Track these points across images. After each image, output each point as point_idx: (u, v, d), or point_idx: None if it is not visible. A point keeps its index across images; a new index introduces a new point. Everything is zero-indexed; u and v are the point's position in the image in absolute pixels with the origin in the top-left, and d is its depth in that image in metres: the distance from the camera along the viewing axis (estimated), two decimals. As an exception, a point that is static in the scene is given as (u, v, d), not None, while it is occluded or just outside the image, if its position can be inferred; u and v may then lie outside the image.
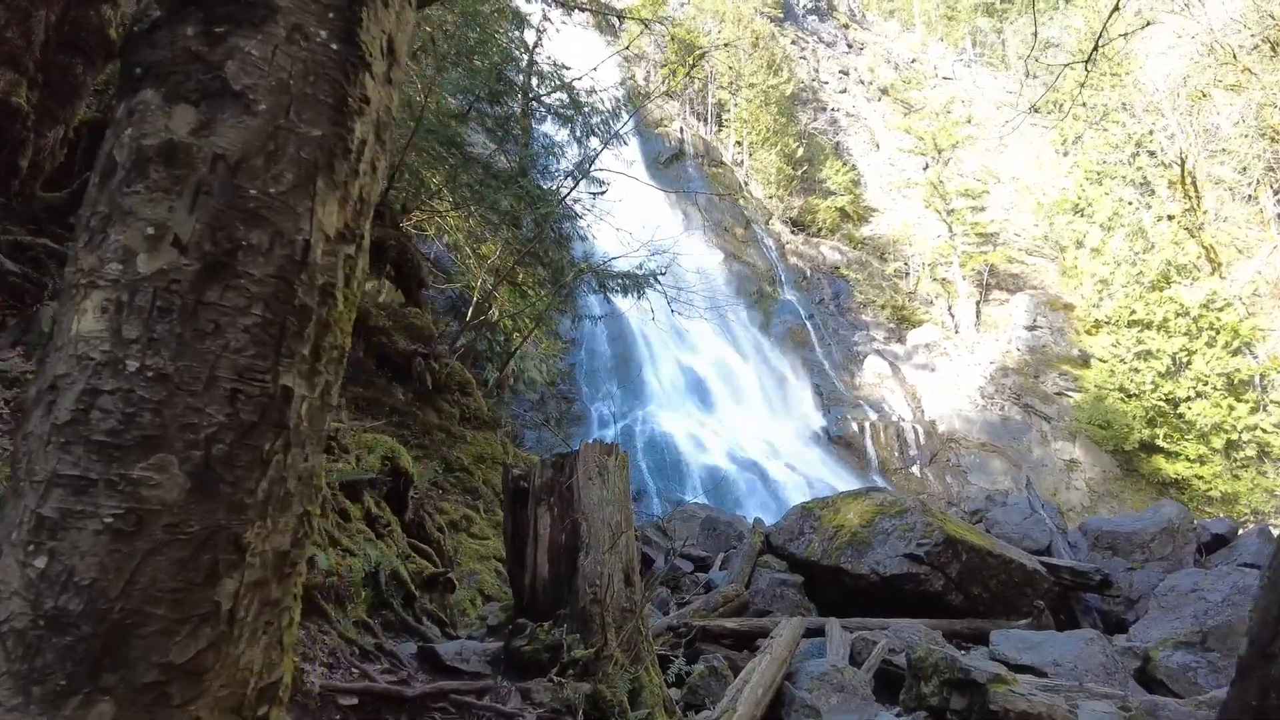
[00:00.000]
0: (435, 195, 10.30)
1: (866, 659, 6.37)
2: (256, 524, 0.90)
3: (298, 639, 3.23)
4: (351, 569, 4.03)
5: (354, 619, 3.74)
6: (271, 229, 0.91)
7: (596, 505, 4.05)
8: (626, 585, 3.87)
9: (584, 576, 3.81)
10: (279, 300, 0.92)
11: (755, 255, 42.30)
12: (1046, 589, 8.73)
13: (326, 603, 3.60)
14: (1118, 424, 31.24)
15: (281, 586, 0.95)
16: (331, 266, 0.98)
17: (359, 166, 1.01)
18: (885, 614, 8.14)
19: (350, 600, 3.78)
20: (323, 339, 0.97)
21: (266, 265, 0.91)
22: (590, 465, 4.13)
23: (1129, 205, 34.96)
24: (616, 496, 4.16)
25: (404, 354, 8.47)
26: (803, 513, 9.34)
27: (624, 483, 4.18)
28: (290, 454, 0.94)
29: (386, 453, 5.87)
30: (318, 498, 1.05)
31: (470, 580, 6.92)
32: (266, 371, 0.90)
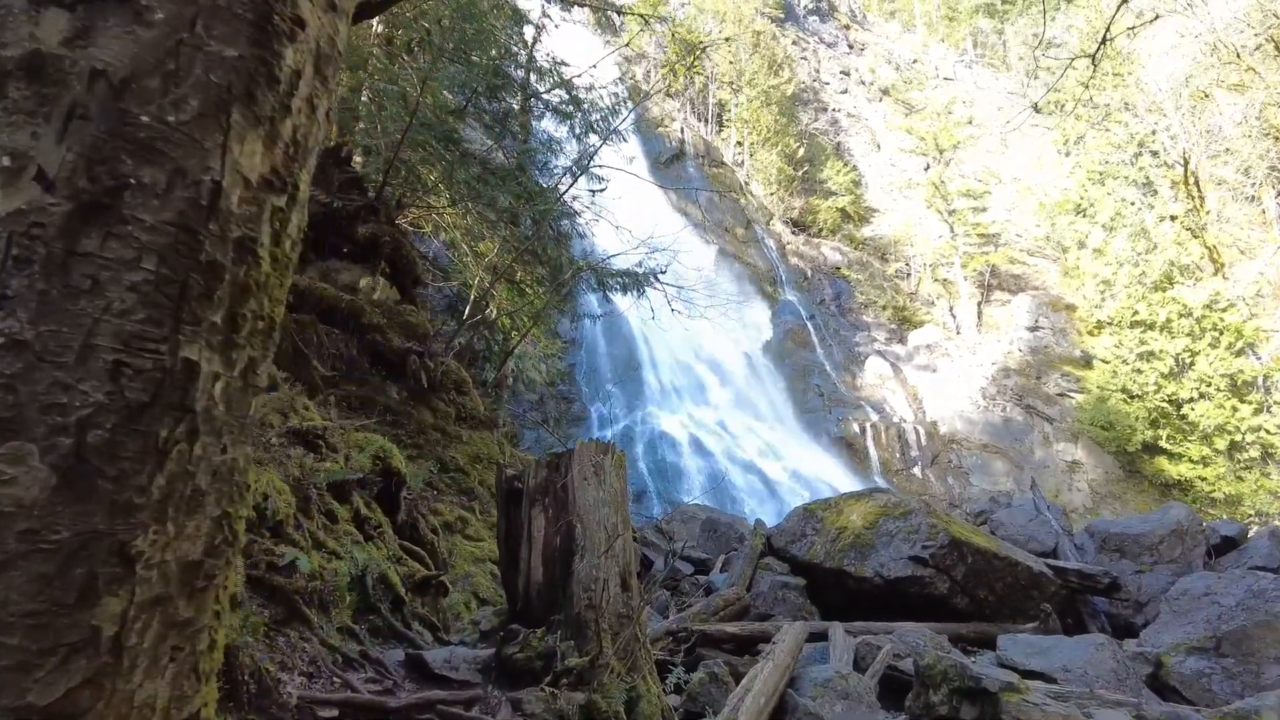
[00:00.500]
0: (431, 191, 10.13)
1: (871, 665, 6.20)
2: (152, 529, 0.73)
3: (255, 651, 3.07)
4: (337, 573, 3.86)
5: (338, 625, 3.58)
6: (170, 166, 0.74)
7: (592, 506, 3.89)
8: (623, 590, 3.71)
9: (578, 581, 3.64)
10: (179, 254, 0.74)
11: (756, 255, 42.16)
12: (1053, 592, 8.55)
13: (309, 608, 3.43)
14: (1120, 425, 31.07)
15: (193, 604, 0.78)
16: (252, 218, 0.81)
17: (290, 102, 0.85)
18: (889, 618, 7.96)
19: (335, 605, 3.62)
20: (241, 305, 0.80)
21: (163, 210, 0.74)
22: (585, 465, 3.96)
23: (1131, 205, 34.80)
24: (613, 497, 3.99)
25: (398, 352, 8.31)
26: (805, 514, 9.17)
27: (621, 483, 4.02)
28: (199, 444, 0.77)
29: (377, 452, 5.71)
30: (244, 498, 0.88)
31: (465, 583, 6.75)
32: (161, 340, 0.73)
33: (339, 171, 9.12)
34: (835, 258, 44.87)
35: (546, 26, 14.61)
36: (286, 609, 3.31)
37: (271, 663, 2.83)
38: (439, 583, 5.61)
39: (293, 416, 5.30)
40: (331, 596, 3.57)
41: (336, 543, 4.19)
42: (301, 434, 4.82)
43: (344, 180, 9.10)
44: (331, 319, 8.24)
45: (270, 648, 2.98)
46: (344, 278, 8.88)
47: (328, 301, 8.25)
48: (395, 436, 7.95)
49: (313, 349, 7.79)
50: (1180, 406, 29.20)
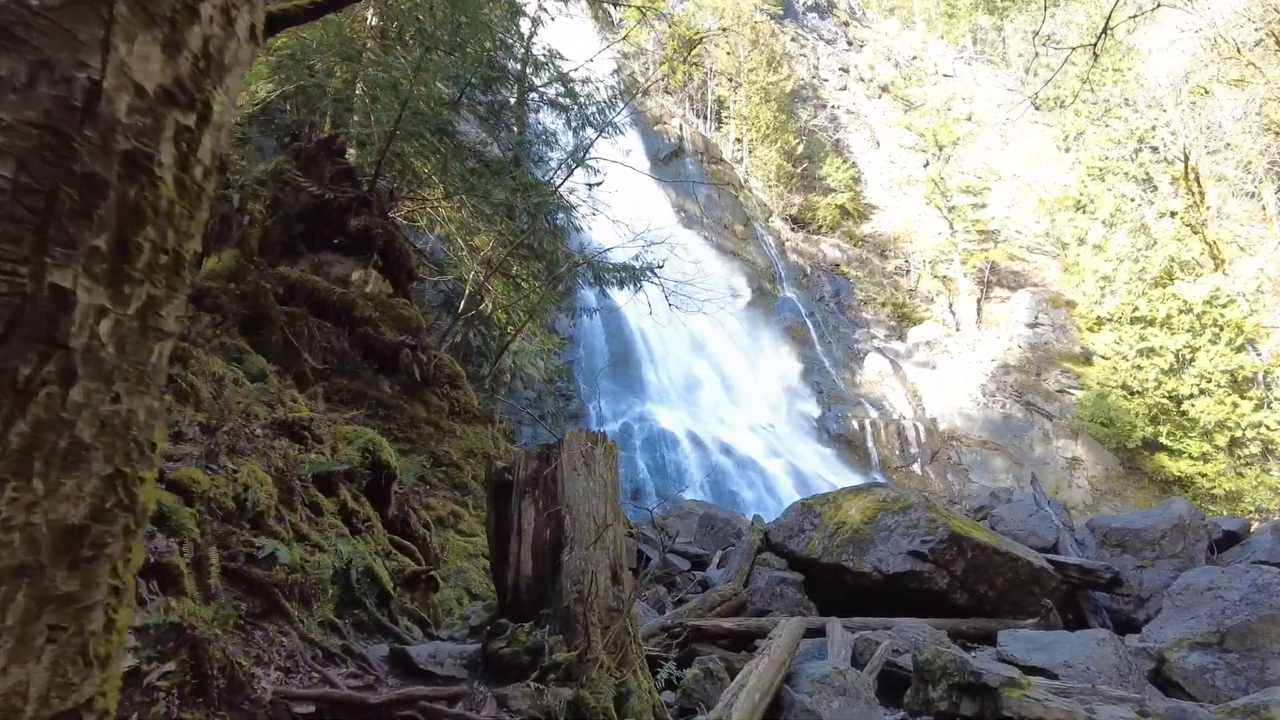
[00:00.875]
0: (425, 184, 10.02)
1: (869, 660, 6.11)
2: (10, 485, 0.63)
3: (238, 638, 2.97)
4: (320, 565, 3.76)
5: (320, 619, 3.48)
6: (31, 56, 0.63)
7: (581, 497, 3.78)
8: (614, 583, 3.60)
9: (567, 574, 3.54)
10: (45, 160, 0.63)
11: (755, 252, 42.04)
12: (1054, 587, 8.46)
13: (289, 601, 3.33)
14: (1120, 421, 30.98)
15: (76, 576, 0.68)
16: (149, 132, 0.70)
17: (199, 6, 0.74)
18: (888, 613, 7.87)
19: (317, 599, 3.52)
20: (133, 231, 0.69)
21: (24, 107, 0.63)
22: (575, 455, 3.86)
23: (1131, 201, 34.69)
24: (603, 488, 3.89)
25: (391, 345, 8.21)
26: (803, 509, 9.08)
27: (612, 473, 3.92)
28: (78, 389, 0.66)
29: (366, 445, 5.60)
30: (147, 457, 0.78)
31: (457, 579, 6.65)
32: (21, 261, 0.61)
33: (331, 163, 9.02)
34: (835, 255, 44.75)
35: (543, 20, 14.49)
36: (265, 602, 3.21)
37: (246, 657, 2.73)
38: (429, 578, 5.51)
39: (279, 408, 5.20)
40: (313, 590, 3.47)
41: (321, 535, 4.09)
42: (287, 425, 4.72)
43: (336, 172, 9.00)
44: (323, 312, 8.14)
45: (246, 641, 2.88)
46: (336, 271, 8.77)
47: (319, 294, 8.15)
48: (387, 430, 7.85)
49: (303, 342, 7.69)
50: (1180, 403, 29.12)
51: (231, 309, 7.27)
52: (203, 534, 3.07)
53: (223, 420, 4.05)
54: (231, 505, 3.46)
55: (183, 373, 4.46)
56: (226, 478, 3.53)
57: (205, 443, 3.74)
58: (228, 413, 4.23)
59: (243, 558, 3.28)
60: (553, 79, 12.62)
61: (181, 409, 4.08)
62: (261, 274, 7.68)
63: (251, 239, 7.91)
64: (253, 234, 7.94)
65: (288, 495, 3.99)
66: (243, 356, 6.74)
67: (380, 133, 9.00)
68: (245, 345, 7.06)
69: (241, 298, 7.42)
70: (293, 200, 8.69)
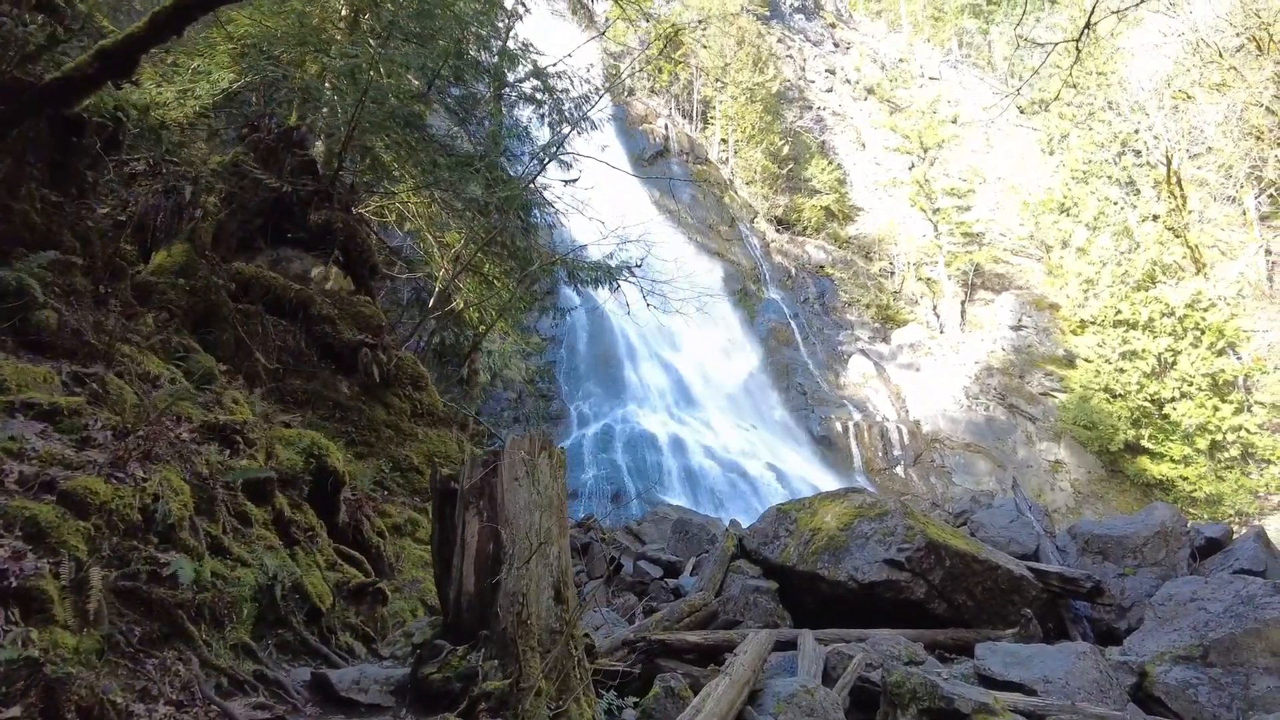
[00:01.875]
0: (390, 175, 9.70)
1: (841, 676, 5.85)
2: None
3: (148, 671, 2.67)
4: (240, 581, 3.46)
5: (233, 641, 3.18)
6: None
7: (523, 510, 3.50)
8: (557, 602, 3.33)
9: (505, 593, 3.26)
10: None
11: (740, 253, 41.88)
12: (1034, 596, 8.23)
13: (197, 623, 3.03)
14: (1103, 425, 30.97)
15: None
16: None
17: None
18: (864, 623, 7.62)
19: (231, 620, 3.22)
20: None
21: None
22: (516, 464, 3.58)
23: (1114, 205, 34.73)
24: (549, 500, 3.61)
25: (350, 344, 7.90)
26: (778, 515, 8.82)
27: (559, 484, 3.64)
28: None
29: (310, 449, 5.30)
30: None
31: (412, 589, 6.35)
32: None
33: (292, 156, 8.70)
34: (819, 256, 44.68)
35: (520, 14, 14.19)
36: (166, 625, 2.91)
37: (128, 692, 2.43)
38: (377, 590, 5.21)
39: (216, 410, 4.89)
40: (227, 610, 3.17)
41: (246, 548, 3.79)
42: (217, 429, 4.41)
43: (297, 165, 8.68)
44: (279, 309, 7.83)
45: (133, 673, 2.58)
46: (295, 267, 8.45)
47: (275, 291, 7.83)
48: (344, 433, 7.55)
49: (257, 341, 7.37)
50: (1162, 406, 29.12)
51: (180, 306, 6.95)
52: (92, 551, 2.76)
53: (141, 424, 3.74)
54: (137, 518, 3.16)
55: (102, 372, 4.15)
56: (134, 487, 3.23)
57: (114, 448, 3.43)
58: (150, 416, 3.92)
59: (144, 576, 2.98)
60: (529, 74, 12.33)
61: (95, 411, 3.77)
62: (213, 269, 7.36)
63: (204, 233, 7.59)
64: (205, 228, 7.62)
65: (209, 505, 3.68)
66: (189, 355, 6.42)
67: (343, 121, 8.68)
68: (194, 344, 6.73)
69: (191, 294, 7.09)
70: (251, 194, 8.36)
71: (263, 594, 3.57)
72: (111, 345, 4.55)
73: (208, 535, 3.54)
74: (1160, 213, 33.58)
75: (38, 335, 4.45)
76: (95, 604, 2.49)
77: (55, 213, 5.54)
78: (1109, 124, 35.29)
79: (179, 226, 7.49)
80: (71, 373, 4.12)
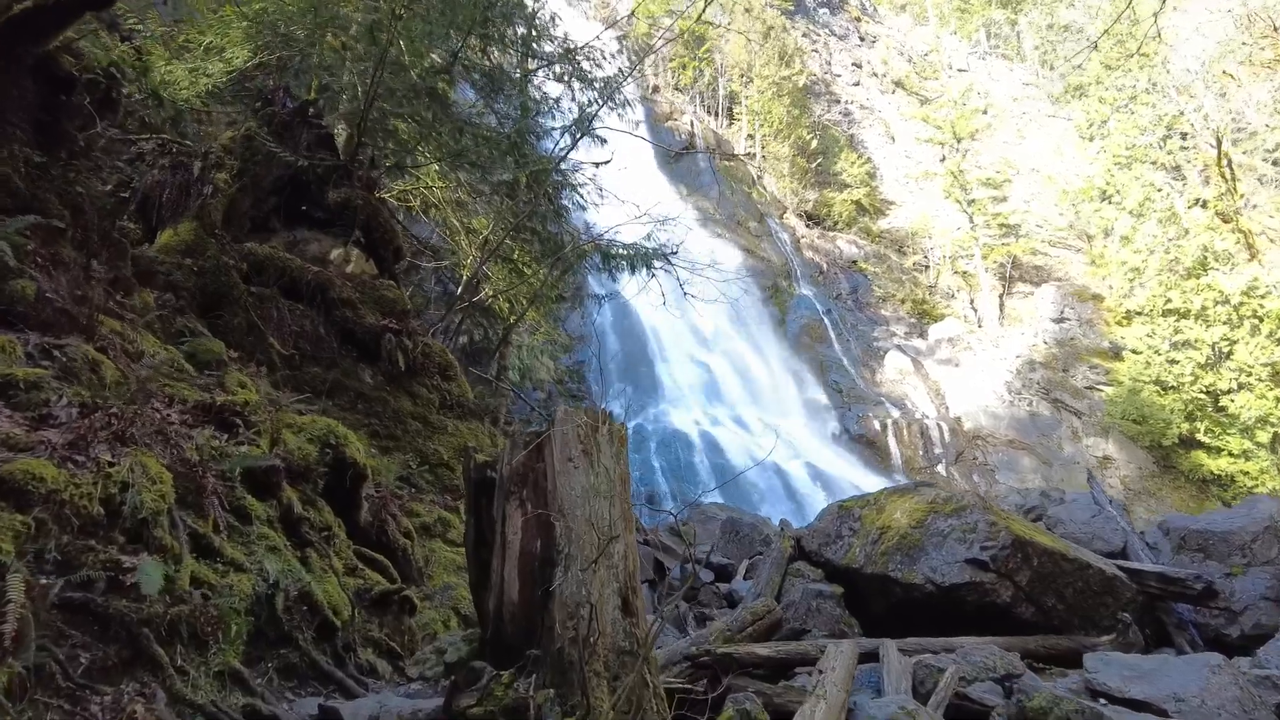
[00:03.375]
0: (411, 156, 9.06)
1: (934, 692, 5.08)
2: None
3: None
4: (231, 590, 2.78)
5: (217, 667, 2.50)
6: None
7: (580, 498, 2.80)
8: (625, 614, 2.61)
9: (561, 603, 2.55)
10: None
11: (769, 249, 41.01)
12: (1129, 599, 7.39)
13: (168, 645, 2.35)
14: (1154, 418, 29.68)
15: None
16: None
17: None
18: (940, 630, 6.82)
19: (216, 638, 2.54)
20: None
21: None
22: (569, 442, 2.87)
23: (1159, 191, 33.41)
24: (611, 485, 2.90)
25: (372, 330, 7.26)
26: (840, 513, 8.05)
27: (622, 465, 2.93)
28: None
29: (326, 437, 4.64)
30: None
31: (444, 597, 5.67)
32: None
33: (308, 130, 8.10)
34: (851, 251, 43.67)
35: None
36: (127, 649, 2.24)
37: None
38: (403, 598, 4.54)
39: (217, 393, 4.25)
40: (212, 626, 2.49)
41: (243, 550, 3.12)
42: (213, 410, 3.76)
43: (314, 140, 8.08)
44: (295, 293, 7.21)
45: (69, 714, 1.90)
46: (313, 249, 7.84)
47: (291, 273, 7.21)
48: (367, 426, 6.90)
49: (271, 325, 6.76)
50: (1218, 398, 27.81)
51: (186, 287, 6.35)
52: (26, 552, 2.10)
53: (116, 400, 3.08)
54: (97, 510, 2.50)
55: (78, 344, 3.51)
56: (96, 473, 2.57)
57: (78, 427, 2.77)
58: (133, 394, 3.27)
59: (100, 585, 2.32)
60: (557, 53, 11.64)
61: (61, 387, 3.12)
62: (223, 249, 6.75)
63: (213, 211, 6.99)
64: (215, 205, 7.02)
65: (197, 497, 3.02)
66: (195, 339, 5.80)
67: (361, 90, 8.07)
68: (200, 327, 6.13)
69: (199, 274, 6.49)
70: (265, 171, 7.77)
71: (261, 605, 2.90)
72: (94, 317, 3.92)
73: (193, 533, 2.88)
74: (1210, 197, 32.22)
75: (9, 306, 3.84)
76: (15, 624, 1.83)
77: (40, 176, 4.93)
78: (1153, 106, 33.97)
79: (186, 204, 6.90)
80: (40, 345, 3.49)
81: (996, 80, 60.16)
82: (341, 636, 3.66)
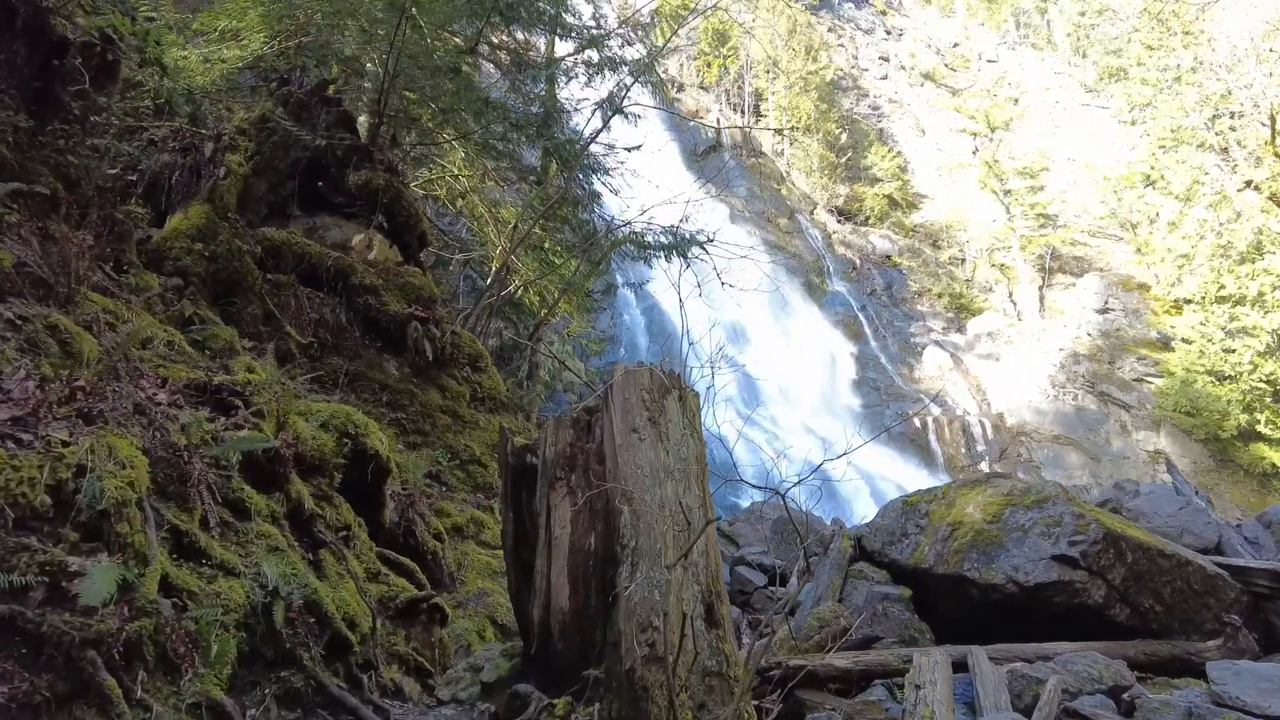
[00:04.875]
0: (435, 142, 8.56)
1: (1036, 707, 4.43)
2: None
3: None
4: (220, 597, 2.24)
5: (192, 698, 1.95)
6: None
7: (648, 479, 2.22)
8: (710, 626, 2.03)
9: (628, 612, 1.97)
10: None
11: (801, 246, 40.19)
12: (1233, 599, 6.65)
13: (124, 672, 1.81)
14: (1209, 410, 28.43)
15: None
16: None
17: None
18: (1022, 636, 6.14)
19: (193, 661, 1.99)
20: None
21: None
22: (634, 408, 2.30)
23: (1208, 174, 32.11)
24: (684, 465, 2.32)
25: (397, 318, 6.76)
26: (904, 508, 7.39)
27: (697, 440, 2.35)
28: None
29: (344, 425, 4.12)
30: None
31: (479, 604, 5.13)
32: None
33: (326, 111, 7.63)
34: (885, 246, 42.69)
35: None
36: (65, 678, 1.70)
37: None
38: (432, 606, 4.00)
39: (214, 373, 3.74)
40: (184, 645, 1.95)
41: (237, 550, 2.59)
42: (209, 391, 3.24)
43: (332, 120, 7.61)
44: (314, 280, 6.74)
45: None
46: (333, 234, 7.37)
47: (310, 259, 6.74)
48: (393, 420, 6.40)
49: (289, 314, 6.28)
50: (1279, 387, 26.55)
51: (196, 272, 5.89)
52: (-75, 552, 1.56)
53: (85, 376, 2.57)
54: (41, 500, 1.97)
55: (52, 315, 3.01)
56: (44, 454, 2.04)
57: (31, 401, 2.25)
58: (102, 367, 2.76)
59: (38, 594, 1.78)
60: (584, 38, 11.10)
61: (20, 359, 2.61)
62: (236, 233, 6.29)
63: (226, 194, 6.54)
64: (228, 188, 6.57)
65: (180, 486, 2.49)
66: (205, 326, 5.33)
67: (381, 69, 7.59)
68: (211, 315, 5.66)
69: (210, 260, 6.04)
70: (281, 154, 7.32)
71: (257, 618, 2.35)
72: (76, 291, 3.43)
73: (173, 530, 2.34)
74: (1262, 179, 30.87)
75: (-17, 277, 3.36)
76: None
77: (29, 144, 4.48)
78: (1199, 86, 32.68)
79: (197, 187, 6.45)
80: (8, 319, 2.99)
81: (1026, 70, 58.86)
82: (361, 652, 3.12)
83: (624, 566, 2.12)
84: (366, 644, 3.24)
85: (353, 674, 2.79)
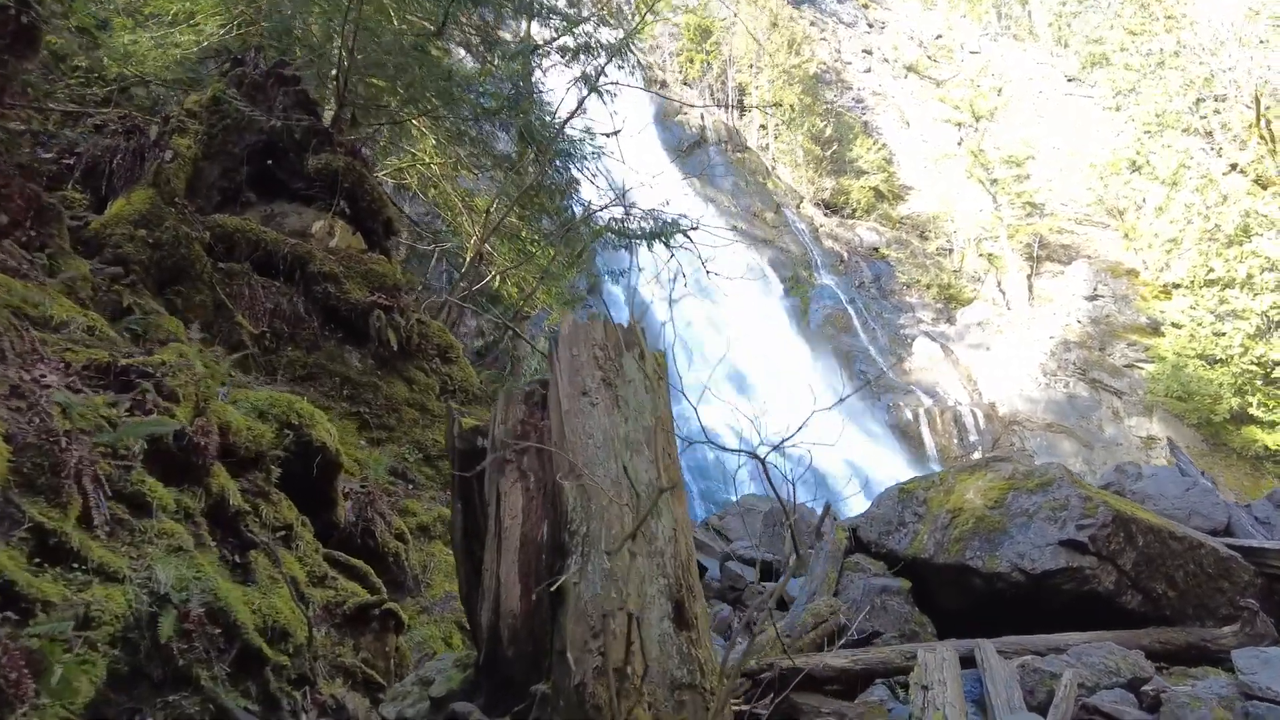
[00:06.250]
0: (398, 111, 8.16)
1: (1051, 704, 4.09)
2: None
3: None
4: (90, 607, 1.85)
5: (33, 736, 1.56)
6: None
7: (600, 449, 1.84)
8: (679, 627, 1.65)
9: (576, 612, 1.60)
10: None
11: (788, 240, 39.92)
12: (1247, 582, 6.33)
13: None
14: (1201, 394, 28.29)
15: None
16: None
17: None
18: (1028, 628, 5.78)
19: (28, 692, 1.60)
20: None
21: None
22: (585, 368, 1.92)
23: (1193, 158, 31.99)
24: (645, 432, 1.93)
25: (359, 307, 6.36)
26: (901, 496, 7.05)
27: (661, 402, 1.97)
28: None
29: (285, 415, 3.73)
30: None
31: (445, 609, 4.74)
32: None
33: (282, 90, 7.22)
34: (872, 238, 42.48)
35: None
36: None
37: None
38: (385, 611, 3.61)
39: (126, 358, 3.33)
40: (15, 671, 1.56)
41: (128, 551, 2.19)
42: (113, 372, 2.85)
43: (289, 101, 7.20)
44: (270, 269, 6.33)
45: None
46: (292, 222, 6.96)
47: (265, 247, 6.33)
48: (355, 415, 6.00)
49: (241, 304, 5.87)
50: (1271, 369, 26.40)
51: (139, 260, 5.47)
52: None
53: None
54: None
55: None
56: None
57: None
58: None
59: None
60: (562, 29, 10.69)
61: None
62: (184, 219, 5.88)
63: (173, 179, 6.12)
64: (175, 172, 6.15)
65: (53, 478, 2.09)
66: (146, 316, 4.92)
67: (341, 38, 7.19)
68: (155, 305, 5.25)
69: (154, 248, 5.61)
70: (234, 137, 6.90)
71: (140, 630, 1.96)
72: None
73: (35, 528, 1.94)
74: (1245, 162, 30.76)
75: None
76: None
77: (-70, 117, 4.07)
78: (1182, 70, 32.57)
79: (142, 171, 6.03)
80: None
81: (1009, 61, 58.86)
82: (295, 665, 2.73)
83: (573, 557, 1.74)
84: (301, 656, 2.85)
85: (269, 693, 2.40)
